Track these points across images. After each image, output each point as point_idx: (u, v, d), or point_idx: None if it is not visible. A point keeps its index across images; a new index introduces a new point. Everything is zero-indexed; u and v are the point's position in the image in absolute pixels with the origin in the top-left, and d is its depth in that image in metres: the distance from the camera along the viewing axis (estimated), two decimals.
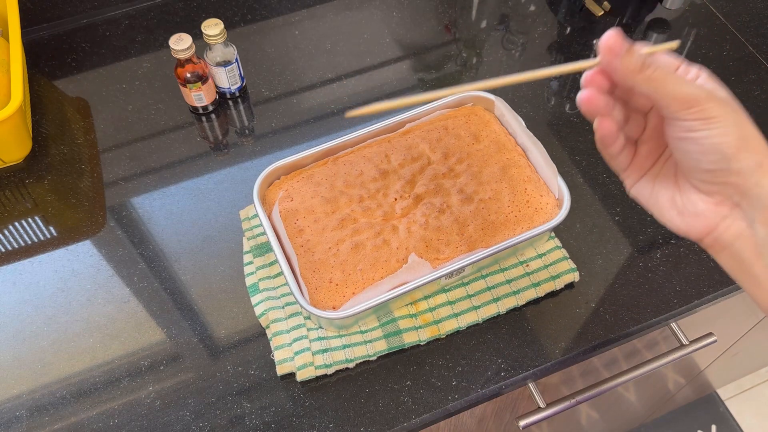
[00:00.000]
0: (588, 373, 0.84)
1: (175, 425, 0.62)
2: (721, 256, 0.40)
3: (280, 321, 0.66)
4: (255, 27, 0.93)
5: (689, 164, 0.38)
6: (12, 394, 0.64)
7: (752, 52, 0.89)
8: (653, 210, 0.42)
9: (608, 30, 0.37)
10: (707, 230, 0.39)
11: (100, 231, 0.75)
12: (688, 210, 0.40)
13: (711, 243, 0.40)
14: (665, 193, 0.41)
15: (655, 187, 0.42)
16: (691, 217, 0.40)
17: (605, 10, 0.91)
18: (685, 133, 0.37)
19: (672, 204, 0.41)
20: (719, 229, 0.39)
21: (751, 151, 0.36)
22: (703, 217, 0.39)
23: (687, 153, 0.38)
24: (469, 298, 0.68)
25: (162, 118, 0.84)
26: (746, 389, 1.57)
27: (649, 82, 0.37)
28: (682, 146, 0.37)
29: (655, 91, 0.37)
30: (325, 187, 0.68)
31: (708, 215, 0.39)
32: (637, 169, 0.43)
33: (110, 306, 0.69)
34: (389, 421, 0.62)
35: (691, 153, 0.37)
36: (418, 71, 0.89)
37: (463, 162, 0.69)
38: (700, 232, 0.40)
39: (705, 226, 0.39)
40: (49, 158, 0.80)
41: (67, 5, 0.92)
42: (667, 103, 0.36)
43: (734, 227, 0.39)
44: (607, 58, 0.37)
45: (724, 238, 0.39)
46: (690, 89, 0.36)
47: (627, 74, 0.37)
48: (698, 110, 0.36)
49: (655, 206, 0.42)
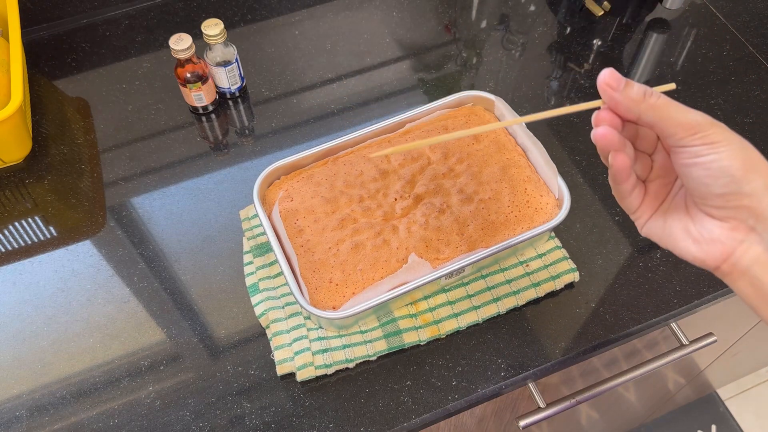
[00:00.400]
0: (588, 373, 0.84)
1: (175, 425, 0.62)
2: (739, 284, 0.40)
3: (280, 321, 0.66)
4: (255, 27, 0.93)
5: (701, 191, 0.39)
6: (12, 394, 0.64)
7: (752, 52, 0.89)
8: (668, 243, 0.42)
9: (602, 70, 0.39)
10: (724, 256, 0.40)
11: (100, 231, 0.75)
12: (704, 237, 0.40)
13: (729, 270, 0.40)
14: (678, 224, 0.42)
15: (667, 221, 0.42)
16: (707, 243, 0.40)
17: (605, 10, 0.91)
18: (692, 159, 0.38)
19: (686, 234, 0.41)
20: (736, 254, 0.39)
21: (759, 173, 0.37)
22: (719, 242, 0.39)
23: (697, 179, 0.38)
24: (469, 298, 0.68)
25: (162, 118, 0.84)
26: (746, 389, 1.57)
27: (653, 109, 0.38)
28: (692, 173, 0.38)
29: (660, 118, 0.38)
30: (325, 187, 0.68)
31: (724, 240, 0.39)
32: (647, 207, 0.43)
33: (110, 306, 0.69)
34: (389, 421, 0.62)
35: (701, 178, 0.38)
36: (418, 71, 0.89)
37: (463, 162, 0.69)
38: (717, 258, 0.40)
39: (722, 251, 0.39)
40: (49, 158, 0.80)
41: (67, 5, 0.92)
42: (673, 131, 0.38)
43: (751, 251, 0.39)
44: (608, 94, 0.39)
45: (741, 263, 0.39)
46: (693, 115, 0.37)
47: (631, 104, 0.38)
48: (703, 135, 0.37)
49: (670, 238, 0.42)
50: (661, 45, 0.91)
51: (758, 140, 0.80)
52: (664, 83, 0.86)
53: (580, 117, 0.83)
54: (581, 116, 0.83)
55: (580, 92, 0.86)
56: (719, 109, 0.83)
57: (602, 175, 0.77)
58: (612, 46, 0.91)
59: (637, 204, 0.44)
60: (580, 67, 0.88)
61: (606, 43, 0.91)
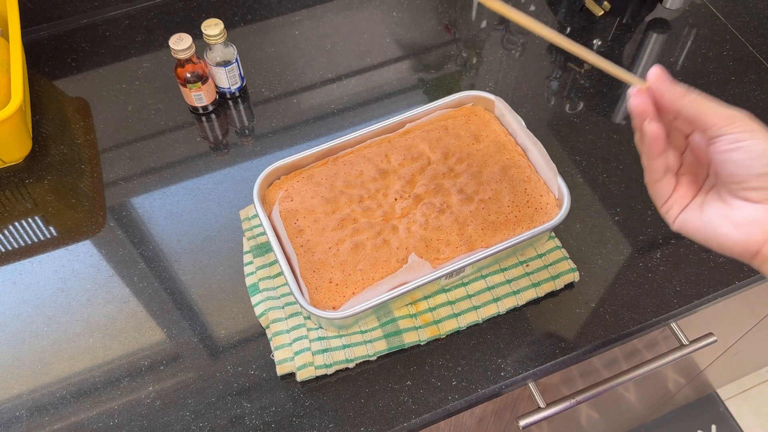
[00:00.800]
0: (588, 373, 0.84)
1: (175, 425, 0.62)
2: None
3: (280, 321, 0.66)
4: (255, 27, 0.93)
5: (740, 174, 0.42)
6: (12, 394, 0.64)
7: (752, 52, 0.89)
8: (706, 232, 0.44)
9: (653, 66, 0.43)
10: (765, 236, 0.42)
11: (100, 231, 0.75)
12: (744, 219, 0.42)
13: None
14: (716, 212, 0.44)
15: (704, 210, 0.45)
16: (747, 225, 0.42)
17: (605, 10, 0.91)
18: (734, 144, 0.41)
19: (725, 220, 0.43)
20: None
21: None
22: (759, 222, 0.42)
23: (737, 162, 0.41)
24: (469, 298, 0.68)
25: (162, 118, 0.84)
26: (746, 389, 1.57)
27: (693, 103, 0.42)
28: (732, 157, 0.41)
29: (700, 111, 0.42)
30: (325, 187, 0.68)
31: (763, 220, 0.42)
32: (680, 198, 0.46)
33: (110, 306, 0.69)
34: (389, 421, 0.62)
35: (743, 161, 0.41)
36: (418, 71, 0.89)
37: (463, 162, 0.69)
38: (759, 240, 0.42)
39: (762, 231, 0.42)
40: (49, 158, 0.80)
41: (67, 5, 0.92)
42: (714, 121, 0.42)
43: None
44: (658, 83, 0.43)
45: None
46: (730, 110, 0.42)
47: (675, 98, 0.43)
48: (742, 124, 0.41)
49: (709, 226, 0.44)
50: (661, 45, 0.91)
51: None
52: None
53: (580, 117, 0.83)
54: (581, 116, 0.83)
55: (580, 92, 0.86)
56: None
57: (602, 175, 0.78)
58: (612, 46, 0.91)
59: (668, 192, 0.46)
60: (580, 67, 0.88)
61: (606, 43, 0.91)
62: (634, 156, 0.79)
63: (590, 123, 0.83)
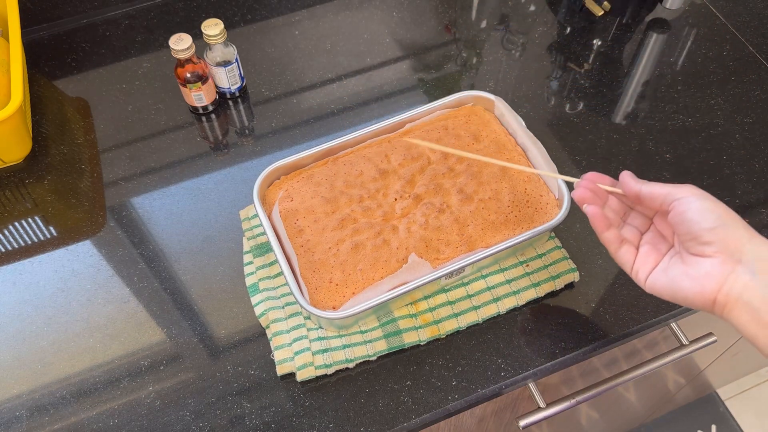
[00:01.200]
0: (588, 373, 0.84)
1: (175, 425, 0.62)
2: (735, 313, 0.48)
3: (280, 321, 0.66)
4: (255, 27, 0.93)
5: (695, 229, 0.48)
6: (12, 394, 0.64)
7: (752, 52, 0.89)
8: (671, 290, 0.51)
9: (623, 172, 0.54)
10: (718, 285, 0.48)
11: (100, 231, 0.75)
12: (700, 273, 0.49)
13: (724, 300, 0.48)
14: (678, 271, 0.51)
15: (668, 273, 0.51)
16: (703, 278, 0.48)
17: (605, 10, 0.91)
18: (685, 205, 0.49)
19: (685, 276, 0.50)
20: (728, 283, 0.47)
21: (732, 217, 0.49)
22: (713, 275, 0.48)
23: (691, 220, 0.49)
24: (469, 298, 0.68)
25: (162, 118, 0.84)
26: (746, 389, 1.57)
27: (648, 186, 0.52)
28: (686, 217, 0.49)
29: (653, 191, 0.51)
30: (325, 187, 0.68)
31: (716, 273, 0.48)
32: (643, 263, 0.53)
33: (110, 306, 0.69)
34: (389, 421, 0.62)
35: (694, 218, 0.48)
36: (418, 71, 0.89)
37: (462, 162, 0.69)
38: (713, 288, 0.48)
39: (716, 282, 0.48)
40: (49, 158, 0.80)
41: (67, 5, 0.92)
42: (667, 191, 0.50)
43: (741, 280, 0.47)
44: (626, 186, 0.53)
45: (734, 291, 0.47)
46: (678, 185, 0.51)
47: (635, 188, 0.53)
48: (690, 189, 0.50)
49: (673, 284, 0.50)
50: (661, 45, 0.91)
51: (758, 140, 0.80)
52: (664, 83, 0.87)
53: (580, 117, 0.83)
54: (581, 116, 0.83)
55: (580, 92, 0.86)
56: (719, 109, 0.83)
57: None
58: (612, 46, 0.91)
59: (630, 259, 0.54)
60: (580, 67, 0.88)
61: (606, 43, 0.91)
62: (634, 156, 0.79)
63: (590, 123, 0.83)
